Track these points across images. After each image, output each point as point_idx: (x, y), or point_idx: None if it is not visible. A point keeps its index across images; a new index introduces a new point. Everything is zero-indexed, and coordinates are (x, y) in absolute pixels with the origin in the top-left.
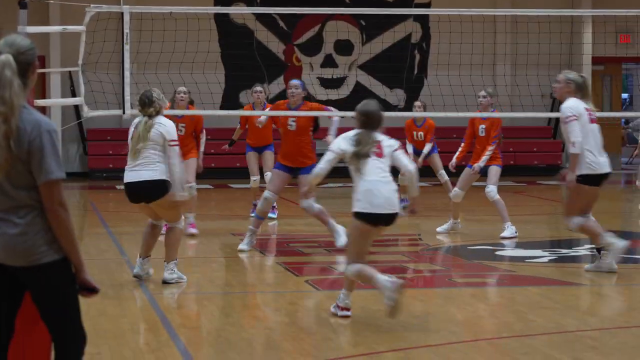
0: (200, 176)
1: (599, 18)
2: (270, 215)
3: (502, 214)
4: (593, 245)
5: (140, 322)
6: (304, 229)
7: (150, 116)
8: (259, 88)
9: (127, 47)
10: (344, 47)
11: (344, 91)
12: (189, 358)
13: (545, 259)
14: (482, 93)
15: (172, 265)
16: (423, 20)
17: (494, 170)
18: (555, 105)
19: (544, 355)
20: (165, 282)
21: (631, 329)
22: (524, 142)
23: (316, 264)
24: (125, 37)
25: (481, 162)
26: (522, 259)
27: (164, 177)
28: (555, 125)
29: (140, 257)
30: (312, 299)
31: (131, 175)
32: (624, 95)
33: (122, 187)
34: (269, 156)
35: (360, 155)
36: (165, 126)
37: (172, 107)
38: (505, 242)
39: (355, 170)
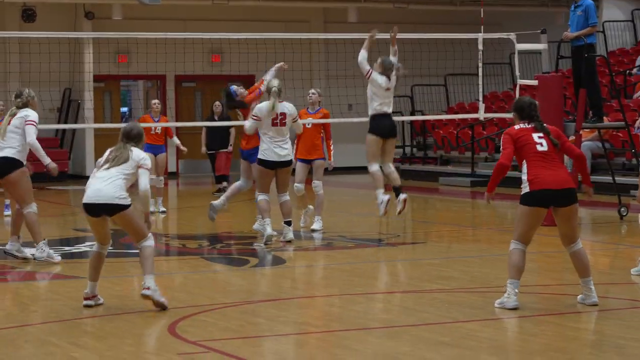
0: None
1: (98, 40)
2: None
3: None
4: None
5: None
6: None
7: (18, 107)
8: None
9: None
10: None
11: None
12: None
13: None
14: (312, 91)
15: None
16: None
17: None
18: (62, 117)
19: (43, 342)
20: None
21: (122, 315)
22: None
23: None
24: None
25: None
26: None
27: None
28: (62, 136)
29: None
30: None
31: None
32: (124, 109)
33: None
34: None
35: None
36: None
37: None
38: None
39: None
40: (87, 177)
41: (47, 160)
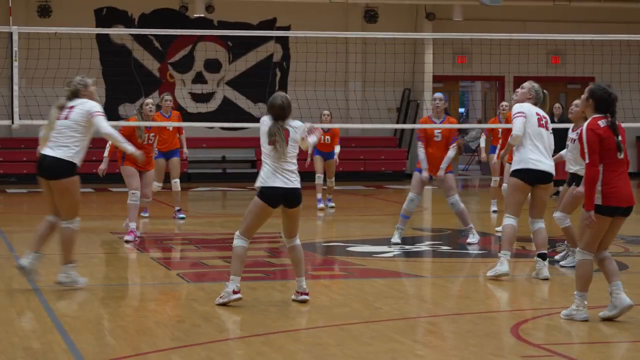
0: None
1: (438, 41)
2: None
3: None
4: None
5: (26, 311)
6: (173, 227)
7: (68, 98)
8: (168, 97)
9: (15, 64)
10: (212, 65)
11: (213, 105)
12: (71, 343)
13: (391, 254)
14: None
15: (68, 269)
16: (283, 41)
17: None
18: (401, 117)
19: (388, 339)
20: (59, 283)
21: (465, 315)
22: (372, 151)
23: (186, 259)
24: (14, 54)
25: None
26: (370, 254)
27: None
28: (400, 136)
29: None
30: (182, 290)
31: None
32: (461, 110)
33: (11, 191)
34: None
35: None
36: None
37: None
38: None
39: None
40: None
41: (130, 148)
